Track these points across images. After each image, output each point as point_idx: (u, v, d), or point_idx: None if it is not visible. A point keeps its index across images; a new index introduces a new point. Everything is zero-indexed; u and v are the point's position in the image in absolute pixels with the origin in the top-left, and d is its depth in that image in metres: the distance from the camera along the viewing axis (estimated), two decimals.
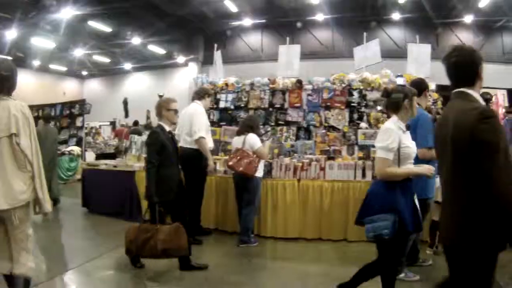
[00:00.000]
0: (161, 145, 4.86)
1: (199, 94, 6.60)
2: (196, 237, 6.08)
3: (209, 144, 6.38)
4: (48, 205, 3.40)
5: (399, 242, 3.55)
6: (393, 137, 3.41)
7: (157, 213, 4.74)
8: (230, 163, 6.01)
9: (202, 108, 6.43)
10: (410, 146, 3.59)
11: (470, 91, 2.52)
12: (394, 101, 3.58)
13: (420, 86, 4.83)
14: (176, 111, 5.27)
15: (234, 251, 5.92)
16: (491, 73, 17.73)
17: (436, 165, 3.40)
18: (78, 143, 14.55)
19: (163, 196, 4.80)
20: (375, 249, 3.67)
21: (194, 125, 6.15)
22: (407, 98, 3.56)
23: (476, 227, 2.34)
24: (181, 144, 6.28)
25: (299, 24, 19.21)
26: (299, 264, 5.43)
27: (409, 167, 3.61)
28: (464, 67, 2.55)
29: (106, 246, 5.92)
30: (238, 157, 5.98)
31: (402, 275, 4.74)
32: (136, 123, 15.59)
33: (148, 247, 4.58)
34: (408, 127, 3.65)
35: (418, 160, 4.20)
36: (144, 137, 8.76)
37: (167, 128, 5.11)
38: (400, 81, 7.27)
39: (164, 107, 5.15)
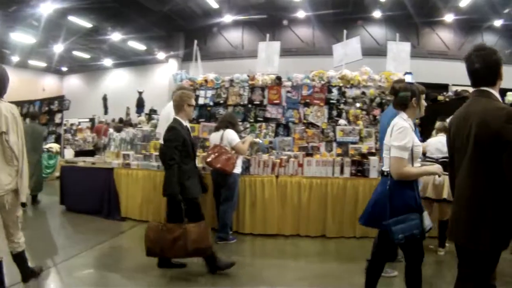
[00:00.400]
0: (182, 141, 4.69)
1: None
2: None
3: None
4: (24, 197, 3.92)
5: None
6: (409, 136, 3.38)
7: (183, 212, 4.59)
8: (208, 159, 5.98)
9: None
10: (420, 145, 3.60)
11: (492, 91, 2.60)
12: (402, 99, 3.55)
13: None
14: (194, 107, 5.20)
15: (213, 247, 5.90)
16: None
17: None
18: (57, 140, 14.31)
19: (190, 193, 4.71)
20: (350, 245, 3.68)
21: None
22: (414, 96, 3.53)
23: (495, 224, 2.43)
24: (160, 141, 6.21)
25: (285, 22, 19.26)
26: (278, 260, 5.46)
27: (423, 166, 3.65)
28: (487, 67, 2.62)
29: (84, 244, 5.84)
30: (216, 154, 5.96)
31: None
32: (121, 120, 15.48)
33: (177, 247, 4.48)
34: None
35: None
36: (123, 134, 8.67)
37: (185, 123, 4.91)
38: (408, 78, 7.26)
39: (186, 101, 4.92)
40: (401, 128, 3.40)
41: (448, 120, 5.60)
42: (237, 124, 6.49)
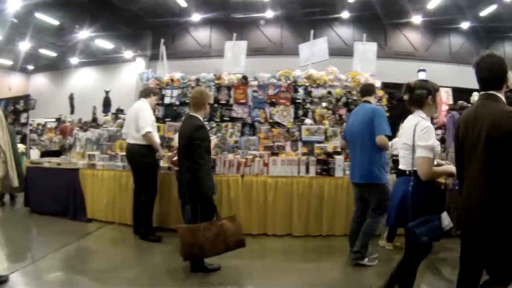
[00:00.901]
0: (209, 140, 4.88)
1: (145, 93, 6.58)
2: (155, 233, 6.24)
3: (156, 139, 6.34)
4: (16, 181, 4.55)
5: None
6: (433, 136, 3.40)
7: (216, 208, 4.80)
8: (174, 158, 5.93)
9: (147, 104, 6.37)
10: (438, 143, 3.67)
11: (498, 94, 2.84)
12: (418, 97, 3.54)
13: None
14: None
15: (179, 249, 5.85)
16: (437, 72, 18.41)
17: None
18: (23, 140, 14.01)
19: (211, 191, 4.89)
20: (317, 244, 3.70)
21: (141, 121, 6.11)
22: (430, 94, 3.53)
23: (503, 217, 2.67)
24: (128, 141, 6.32)
25: (262, 22, 19.36)
26: (245, 260, 5.43)
27: (442, 166, 3.70)
28: (496, 73, 2.88)
29: (50, 247, 5.70)
30: None
31: (365, 260, 5.18)
32: (94, 120, 15.25)
33: (218, 244, 4.59)
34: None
35: (375, 146, 4.99)
36: (89, 133, 8.53)
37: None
38: (422, 75, 7.30)
39: (207, 100, 5.04)
40: (426, 128, 3.39)
41: None
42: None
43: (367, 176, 5.07)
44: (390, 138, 5.35)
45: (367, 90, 5.61)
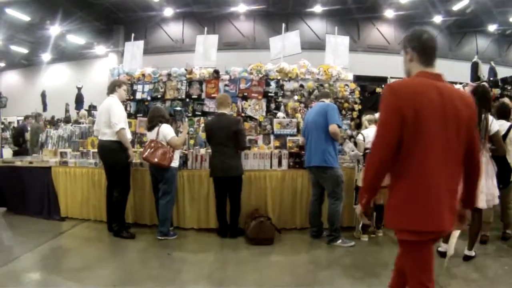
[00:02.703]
0: None
1: (111, 88, 6.39)
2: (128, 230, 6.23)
3: (128, 135, 6.26)
4: None
5: None
6: None
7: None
8: (145, 154, 5.92)
9: (117, 100, 6.27)
10: None
11: None
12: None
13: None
14: None
15: (154, 245, 5.83)
16: None
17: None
18: None
19: None
20: (292, 237, 3.69)
21: (113, 117, 5.98)
22: None
23: None
24: (100, 137, 6.20)
25: (242, 18, 19.28)
26: (220, 255, 5.46)
27: None
28: None
29: (25, 247, 5.61)
30: (152, 149, 5.91)
31: (339, 241, 5.70)
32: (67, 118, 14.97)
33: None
34: None
35: (328, 135, 5.65)
36: (61, 131, 8.40)
37: None
38: None
39: (230, 100, 6.52)
40: None
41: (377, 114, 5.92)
42: (166, 114, 6.41)
43: (320, 160, 5.71)
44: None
45: (325, 94, 6.32)
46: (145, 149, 5.98)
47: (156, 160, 5.84)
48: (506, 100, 6.89)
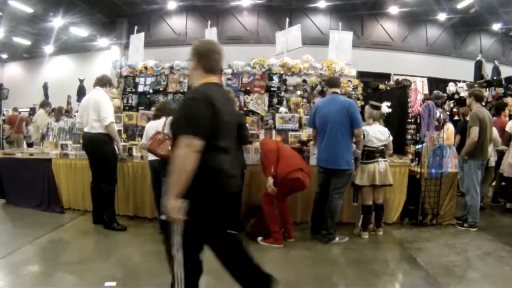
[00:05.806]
0: None
1: (102, 81, 6.31)
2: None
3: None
4: None
5: None
6: None
7: None
8: (151, 146, 5.83)
9: (105, 94, 6.22)
10: None
11: None
12: None
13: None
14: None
15: (155, 238, 5.76)
16: (413, 62, 18.57)
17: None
18: None
19: None
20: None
21: (103, 111, 5.95)
22: None
23: None
24: (88, 130, 6.10)
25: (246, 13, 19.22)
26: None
27: None
28: None
29: (24, 239, 5.58)
30: (160, 140, 5.81)
31: (336, 240, 5.65)
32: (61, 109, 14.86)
33: None
34: None
35: (350, 136, 5.59)
36: (62, 123, 8.37)
37: None
38: None
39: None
40: None
41: (383, 108, 5.90)
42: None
43: (342, 163, 5.46)
44: None
45: (335, 82, 5.89)
46: (153, 141, 5.72)
47: (162, 152, 5.73)
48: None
